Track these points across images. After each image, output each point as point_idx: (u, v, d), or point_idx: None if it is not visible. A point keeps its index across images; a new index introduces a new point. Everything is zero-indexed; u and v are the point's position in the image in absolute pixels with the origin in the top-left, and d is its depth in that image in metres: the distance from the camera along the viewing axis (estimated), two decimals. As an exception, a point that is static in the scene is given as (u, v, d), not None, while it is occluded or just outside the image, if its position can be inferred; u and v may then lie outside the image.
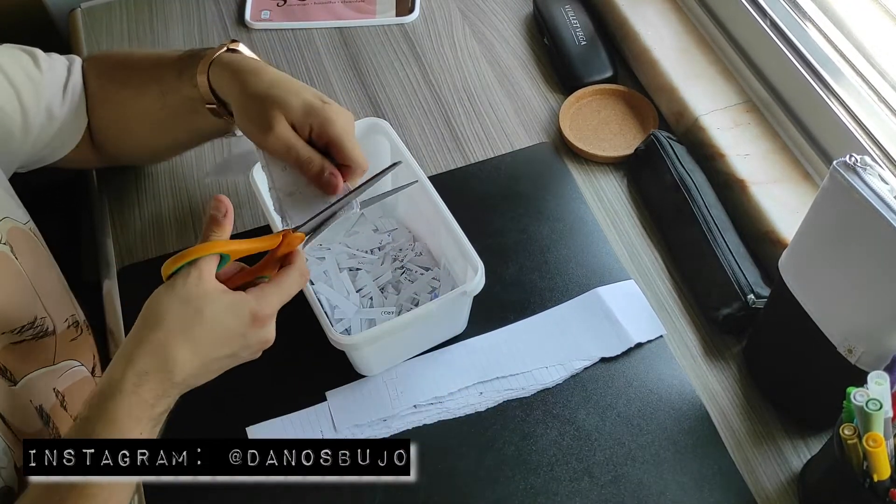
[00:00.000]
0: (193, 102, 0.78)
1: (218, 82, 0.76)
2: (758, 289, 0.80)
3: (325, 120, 0.71)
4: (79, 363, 0.78)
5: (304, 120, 0.71)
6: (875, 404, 0.58)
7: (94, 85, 0.84)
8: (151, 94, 0.81)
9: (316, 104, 0.71)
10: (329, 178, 0.70)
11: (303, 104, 0.71)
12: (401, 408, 0.78)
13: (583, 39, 1.05)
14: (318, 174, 0.71)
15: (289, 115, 0.71)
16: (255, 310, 0.63)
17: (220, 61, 0.76)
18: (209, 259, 0.62)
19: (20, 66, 0.78)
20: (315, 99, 0.72)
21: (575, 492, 0.74)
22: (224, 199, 0.65)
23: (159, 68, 0.81)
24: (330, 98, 0.73)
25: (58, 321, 0.76)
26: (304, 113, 0.71)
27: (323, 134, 0.71)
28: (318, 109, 0.71)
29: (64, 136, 0.82)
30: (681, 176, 0.89)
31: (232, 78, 0.74)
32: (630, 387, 0.80)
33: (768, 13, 0.93)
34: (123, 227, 0.94)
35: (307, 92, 0.72)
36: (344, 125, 0.72)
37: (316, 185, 0.71)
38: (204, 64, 0.76)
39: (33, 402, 0.71)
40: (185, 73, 0.78)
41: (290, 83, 0.73)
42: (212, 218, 0.65)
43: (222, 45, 0.78)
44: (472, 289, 0.75)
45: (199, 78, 0.76)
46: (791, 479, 0.75)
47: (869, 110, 0.83)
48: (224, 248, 0.63)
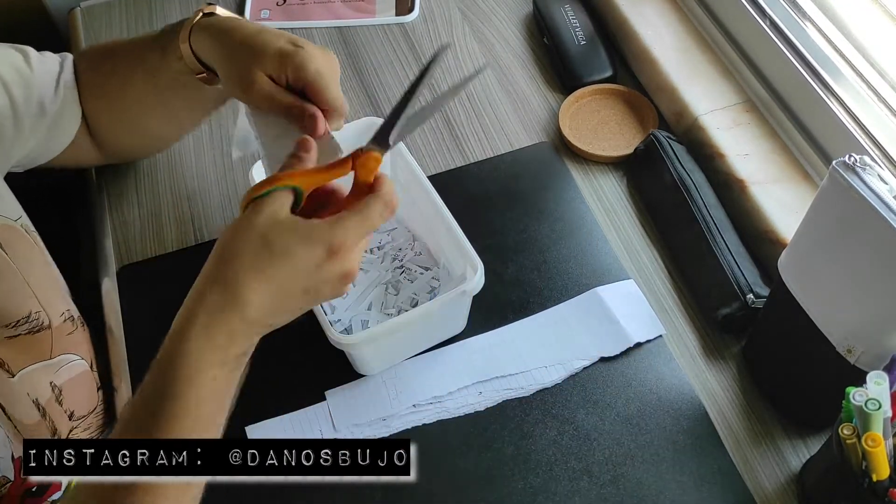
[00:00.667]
0: (183, 76, 0.77)
1: (201, 49, 0.74)
2: (757, 289, 0.80)
3: (297, 65, 0.69)
4: (78, 357, 0.78)
5: (280, 69, 0.69)
6: (874, 404, 0.58)
7: (85, 78, 0.83)
8: (140, 78, 0.80)
9: (288, 50, 0.69)
10: (309, 118, 0.68)
11: (276, 53, 0.69)
12: (400, 407, 0.79)
13: (582, 39, 1.05)
14: (300, 118, 0.69)
15: (264, 66, 0.69)
16: (330, 239, 0.57)
17: (199, 27, 0.74)
18: (284, 190, 0.59)
19: (10, 63, 0.77)
20: (288, 45, 0.70)
21: (574, 491, 0.74)
22: (310, 139, 0.63)
23: (141, 50, 0.80)
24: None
25: (53, 315, 0.76)
26: (279, 62, 0.69)
27: (297, 80, 0.69)
28: (290, 55, 0.69)
29: (58, 132, 0.82)
30: (680, 176, 0.89)
31: (212, 40, 0.73)
32: (629, 386, 0.80)
33: (768, 13, 0.93)
34: (123, 226, 0.94)
35: (281, 39, 0.71)
36: (318, 68, 0.69)
37: (301, 130, 0.69)
38: (184, 33, 0.74)
39: (30, 395, 0.72)
40: (168, 49, 0.76)
41: (263, 35, 0.71)
42: (293, 155, 0.62)
43: (198, 10, 0.76)
44: (471, 288, 0.75)
45: (182, 48, 0.74)
46: (790, 479, 0.75)
47: (868, 110, 0.83)
48: (293, 180, 0.59)
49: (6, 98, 0.76)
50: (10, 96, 0.76)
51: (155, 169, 0.98)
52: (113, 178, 0.97)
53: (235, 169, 0.97)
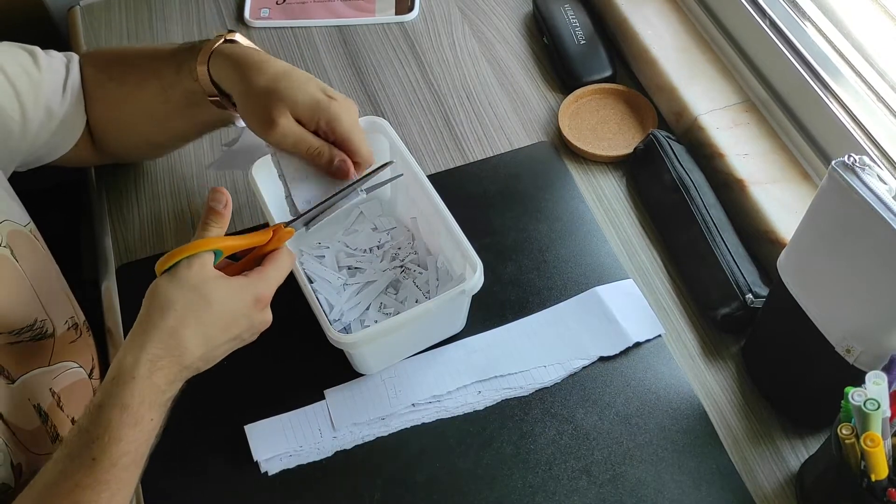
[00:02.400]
0: (195, 95, 0.78)
1: (219, 75, 0.75)
2: (756, 288, 0.80)
3: (332, 118, 0.72)
4: (76, 364, 0.78)
5: (311, 116, 0.72)
6: (873, 404, 0.58)
7: (92, 82, 0.84)
8: (151, 90, 0.81)
9: (322, 101, 0.72)
10: (340, 164, 0.72)
11: (309, 100, 0.72)
12: (399, 406, 0.79)
13: (582, 39, 1.05)
14: (329, 163, 0.73)
15: (295, 111, 0.72)
16: (258, 291, 0.66)
17: (220, 53, 0.75)
18: (207, 253, 0.64)
19: (19, 64, 0.78)
20: (321, 94, 0.72)
21: (573, 490, 0.74)
22: (223, 190, 0.67)
23: (156, 63, 0.81)
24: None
25: (58, 323, 0.76)
26: (311, 109, 0.72)
27: (331, 131, 0.73)
28: (324, 106, 0.72)
29: (63, 134, 0.82)
30: (680, 175, 0.89)
31: (234, 70, 0.74)
32: (628, 386, 0.80)
33: (767, 13, 0.93)
34: (122, 226, 0.94)
35: (312, 85, 0.73)
36: (350, 120, 0.73)
37: (327, 174, 0.73)
38: (203, 56, 0.76)
39: (31, 401, 0.71)
40: (183, 67, 0.77)
41: (293, 77, 0.73)
42: (210, 209, 0.66)
43: (220, 35, 0.77)
44: (470, 287, 0.75)
45: (199, 71, 0.76)
46: (789, 479, 0.75)
47: (868, 110, 0.83)
48: (218, 244, 0.65)
49: (15, 100, 0.76)
50: (18, 98, 0.76)
51: (155, 169, 0.98)
52: (113, 178, 0.97)
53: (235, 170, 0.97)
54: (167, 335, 0.62)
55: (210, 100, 0.77)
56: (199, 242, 0.64)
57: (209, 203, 0.66)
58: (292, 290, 0.74)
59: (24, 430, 0.70)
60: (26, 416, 0.71)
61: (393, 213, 0.90)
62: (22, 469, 0.68)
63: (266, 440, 0.76)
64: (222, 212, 0.66)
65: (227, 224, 0.67)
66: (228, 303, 0.64)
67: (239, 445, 0.76)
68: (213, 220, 0.66)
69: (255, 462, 0.76)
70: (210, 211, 0.66)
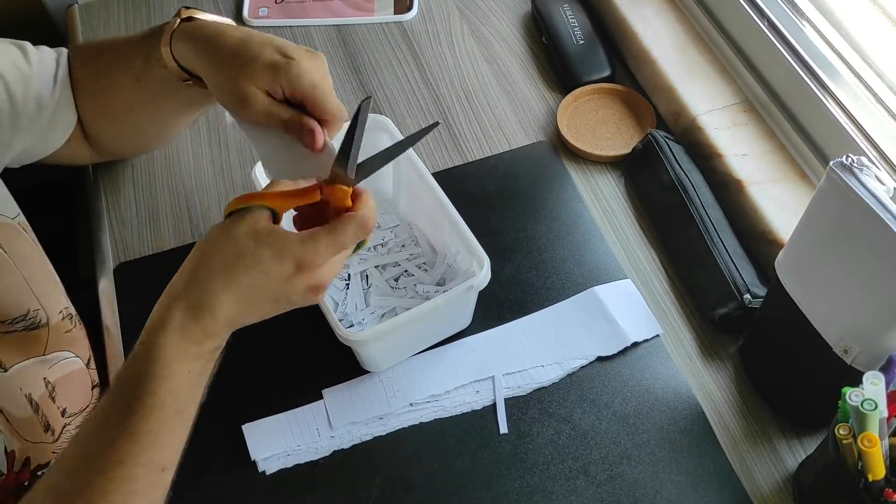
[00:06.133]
0: (169, 82, 0.75)
1: (183, 57, 0.72)
2: (754, 288, 0.80)
3: (292, 78, 0.67)
4: (73, 354, 0.78)
5: (273, 82, 0.68)
6: (870, 404, 0.58)
7: (79, 75, 0.82)
8: (128, 83, 0.79)
9: (280, 64, 0.68)
10: (307, 133, 0.68)
11: (267, 67, 0.68)
12: (397, 406, 0.79)
13: (581, 38, 1.05)
14: (298, 132, 0.68)
15: (256, 82, 0.68)
16: (299, 255, 0.60)
17: (180, 34, 0.72)
18: (260, 209, 0.61)
19: (9, 58, 0.77)
20: (278, 56, 0.68)
21: (571, 490, 0.74)
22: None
23: (126, 54, 0.78)
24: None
25: (52, 313, 0.76)
26: (271, 76, 0.68)
27: (294, 93, 0.68)
28: (283, 70, 0.67)
29: (55, 127, 0.81)
30: (678, 175, 0.89)
31: (194, 49, 0.71)
32: (626, 386, 0.80)
33: (766, 13, 0.93)
34: (120, 225, 0.93)
35: (268, 50, 0.69)
36: (313, 79, 0.68)
37: (300, 143, 0.69)
38: (165, 38, 0.72)
39: (23, 390, 0.72)
40: (151, 55, 0.74)
41: (248, 45, 0.69)
42: None
43: (176, 15, 0.74)
44: (478, 283, 0.75)
45: (163, 53, 0.73)
46: (786, 479, 0.75)
47: (866, 111, 0.83)
48: (272, 200, 0.61)
49: (5, 94, 0.76)
50: (9, 93, 0.76)
51: (152, 167, 0.98)
52: (110, 176, 0.97)
53: (233, 167, 0.97)
54: (199, 287, 0.59)
55: (185, 83, 0.75)
56: (250, 195, 0.61)
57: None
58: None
59: (17, 418, 0.70)
60: (18, 405, 0.71)
61: (396, 211, 0.90)
62: (15, 456, 0.68)
63: (264, 439, 0.76)
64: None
65: None
66: (265, 263, 0.60)
67: (237, 444, 0.76)
68: None
69: (252, 461, 0.76)
70: None
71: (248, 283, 0.60)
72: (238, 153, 0.99)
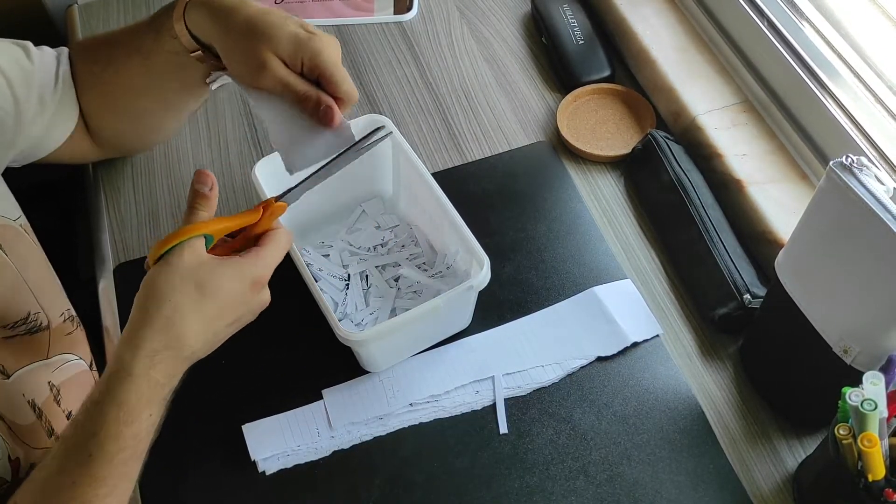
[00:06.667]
0: (178, 56, 0.75)
1: (197, 26, 0.73)
2: (754, 289, 0.80)
3: (314, 52, 0.69)
4: (76, 356, 0.78)
5: (295, 54, 0.69)
6: (870, 404, 0.58)
7: (81, 69, 0.83)
8: (135, 63, 0.79)
9: (303, 36, 0.69)
10: (326, 110, 0.70)
11: (290, 37, 0.69)
12: (397, 406, 0.79)
13: (581, 39, 1.05)
14: (316, 107, 0.70)
15: (278, 50, 0.69)
16: (255, 273, 0.63)
17: (194, 4, 0.73)
18: (197, 238, 0.62)
19: (12, 57, 0.77)
20: (300, 30, 0.70)
21: (570, 490, 0.74)
22: (207, 172, 0.65)
23: (136, 35, 0.79)
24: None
25: (53, 316, 0.76)
26: (294, 47, 0.69)
27: (314, 67, 0.70)
28: (305, 42, 0.69)
29: (57, 126, 0.81)
30: (678, 175, 0.89)
31: (211, 18, 0.71)
32: (626, 386, 0.80)
33: (766, 13, 0.93)
34: (120, 225, 0.93)
35: (291, 23, 0.70)
36: (331, 55, 0.70)
37: (314, 120, 0.71)
38: (178, 10, 0.73)
39: (25, 396, 0.71)
40: (162, 30, 0.75)
41: (271, 15, 0.70)
42: (196, 193, 0.64)
43: None
44: (478, 283, 0.75)
45: (176, 27, 0.73)
46: (786, 479, 0.75)
47: (866, 111, 0.83)
48: (207, 227, 0.63)
49: (9, 93, 0.76)
50: (12, 91, 0.76)
51: (152, 167, 0.98)
52: (110, 176, 0.97)
53: (233, 167, 0.97)
54: (164, 328, 0.60)
55: (193, 56, 0.75)
56: (187, 228, 0.62)
57: (194, 186, 0.64)
58: (290, 290, 0.74)
59: (20, 425, 0.70)
60: (21, 412, 0.71)
61: (395, 211, 0.90)
62: (20, 463, 0.68)
63: (264, 440, 0.76)
64: (208, 194, 0.64)
65: (215, 207, 0.65)
66: (224, 288, 0.62)
67: (237, 445, 0.76)
68: (200, 203, 0.64)
69: (252, 461, 0.76)
70: (196, 194, 0.64)
71: (212, 313, 0.62)
72: (238, 154, 0.99)
